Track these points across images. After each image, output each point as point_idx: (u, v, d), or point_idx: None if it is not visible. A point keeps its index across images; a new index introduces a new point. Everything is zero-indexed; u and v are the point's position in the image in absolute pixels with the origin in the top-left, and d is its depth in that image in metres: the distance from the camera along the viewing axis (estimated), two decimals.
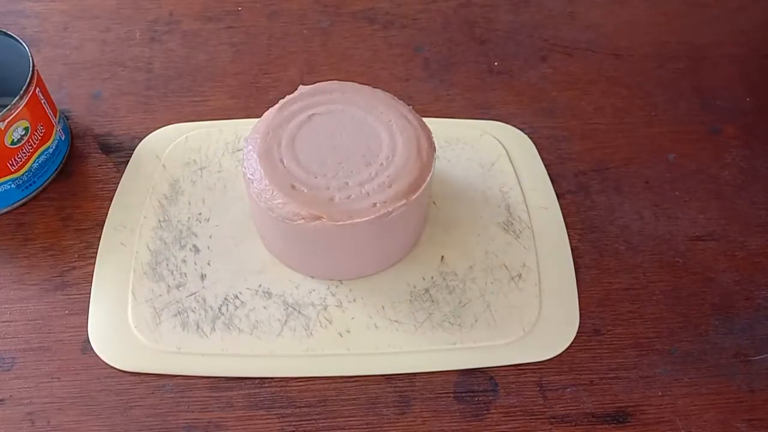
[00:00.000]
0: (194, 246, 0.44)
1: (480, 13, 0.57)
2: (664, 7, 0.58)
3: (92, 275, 0.43)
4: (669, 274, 0.44)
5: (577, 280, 0.44)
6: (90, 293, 0.43)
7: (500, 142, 0.50)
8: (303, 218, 0.38)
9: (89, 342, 0.41)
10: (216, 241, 0.45)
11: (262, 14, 0.57)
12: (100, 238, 0.45)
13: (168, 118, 0.50)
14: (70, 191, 0.47)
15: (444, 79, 0.53)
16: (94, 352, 0.41)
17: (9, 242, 0.45)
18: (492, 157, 0.49)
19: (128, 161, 0.48)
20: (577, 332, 0.42)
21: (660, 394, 0.40)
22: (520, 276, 0.44)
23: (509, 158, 0.49)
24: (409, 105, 0.44)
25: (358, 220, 0.38)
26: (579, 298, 0.43)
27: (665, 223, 0.47)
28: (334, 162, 0.40)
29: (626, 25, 0.57)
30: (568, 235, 0.46)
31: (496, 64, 0.54)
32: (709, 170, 0.49)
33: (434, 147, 0.42)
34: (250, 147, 0.41)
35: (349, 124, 0.42)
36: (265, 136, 0.41)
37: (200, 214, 0.46)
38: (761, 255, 0.45)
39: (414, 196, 0.40)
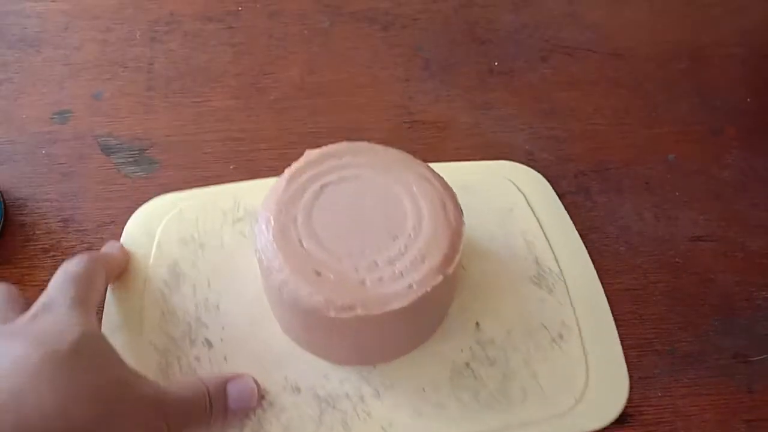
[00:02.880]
0: (206, 340, 0.40)
1: (480, 14, 0.57)
2: (664, 8, 0.58)
3: None
4: (669, 274, 0.45)
5: None
6: None
7: (514, 184, 0.47)
8: (334, 309, 0.34)
9: None
10: (230, 332, 0.40)
11: (262, 14, 0.57)
12: (101, 239, 0.45)
13: (169, 118, 0.50)
14: (70, 192, 0.47)
15: (444, 80, 0.53)
16: None
17: (9, 243, 0.45)
18: (508, 202, 0.46)
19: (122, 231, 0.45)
20: None
21: (660, 394, 0.40)
22: (561, 336, 0.41)
23: (527, 201, 0.46)
24: (426, 165, 0.40)
25: (397, 306, 0.34)
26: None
27: (665, 224, 0.47)
28: (358, 238, 0.36)
29: (627, 26, 0.57)
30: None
31: (496, 64, 0.54)
32: (709, 171, 0.49)
33: (461, 209, 0.38)
34: (264, 228, 0.37)
35: (366, 192, 0.38)
36: (279, 215, 0.37)
37: (207, 300, 0.41)
38: (761, 256, 0.45)
39: (451, 269, 0.36)
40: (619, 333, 0.42)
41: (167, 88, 0.52)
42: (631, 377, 0.41)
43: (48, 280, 0.38)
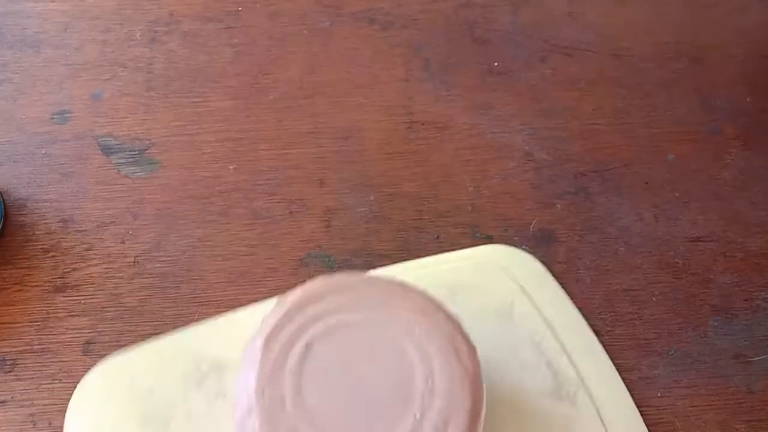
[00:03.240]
0: None
1: (480, 14, 0.57)
2: (664, 8, 0.58)
3: (93, 277, 0.43)
4: (668, 275, 0.45)
5: (576, 281, 0.44)
6: (91, 294, 0.43)
7: (507, 274, 0.41)
8: None
9: (90, 343, 0.41)
10: None
11: (262, 15, 0.57)
12: (101, 239, 0.45)
13: (168, 118, 0.50)
14: (70, 193, 0.47)
15: (444, 80, 0.53)
16: (96, 353, 0.41)
17: (9, 244, 0.45)
18: (506, 297, 0.40)
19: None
20: None
21: (659, 395, 0.40)
22: None
23: (526, 294, 0.41)
24: (421, 291, 0.33)
25: None
26: (580, 299, 0.44)
27: (665, 224, 0.47)
28: (363, 408, 0.30)
29: (626, 26, 0.57)
30: (567, 236, 0.46)
31: (496, 64, 0.54)
32: (708, 171, 0.49)
33: (473, 346, 0.32)
34: (249, 424, 0.30)
35: (360, 344, 0.31)
36: (262, 398, 0.30)
37: None
38: (761, 256, 0.45)
39: (479, 427, 0.30)
40: (618, 334, 0.42)
41: (167, 88, 0.52)
42: (630, 378, 0.41)
43: (48, 281, 0.38)
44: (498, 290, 0.41)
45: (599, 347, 0.40)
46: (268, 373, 0.30)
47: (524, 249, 0.44)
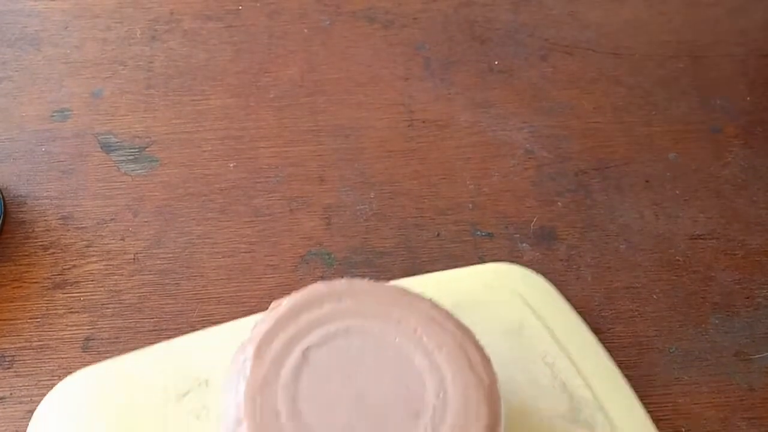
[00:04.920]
0: None
1: (480, 13, 0.57)
2: (664, 7, 0.58)
3: (92, 274, 0.43)
4: (669, 272, 0.45)
5: (577, 279, 0.44)
6: (91, 291, 0.43)
7: (516, 293, 0.39)
8: None
9: (90, 340, 0.41)
10: None
11: (262, 13, 0.57)
12: (100, 236, 0.45)
13: (169, 116, 0.50)
14: (70, 190, 0.47)
15: (444, 78, 0.53)
16: (95, 350, 0.41)
17: (9, 241, 0.45)
18: (514, 316, 0.37)
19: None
20: None
21: (660, 393, 0.40)
22: None
23: (534, 313, 0.38)
24: (428, 299, 0.31)
25: None
26: (580, 296, 0.43)
27: (665, 222, 0.47)
28: (367, 423, 0.27)
29: (626, 25, 0.57)
30: (568, 234, 0.46)
31: (496, 63, 0.54)
32: (709, 169, 0.49)
33: (487, 356, 0.30)
34: (231, 425, 0.27)
35: (363, 352, 0.29)
36: (253, 415, 0.27)
37: None
38: (761, 254, 0.45)
39: None
40: (619, 331, 0.42)
41: (167, 86, 0.52)
42: (631, 376, 0.40)
43: (48, 278, 0.38)
44: (506, 310, 0.38)
45: (615, 369, 0.37)
46: (259, 382, 0.27)
47: (533, 270, 0.42)
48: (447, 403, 0.27)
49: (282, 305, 0.29)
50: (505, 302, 0.38)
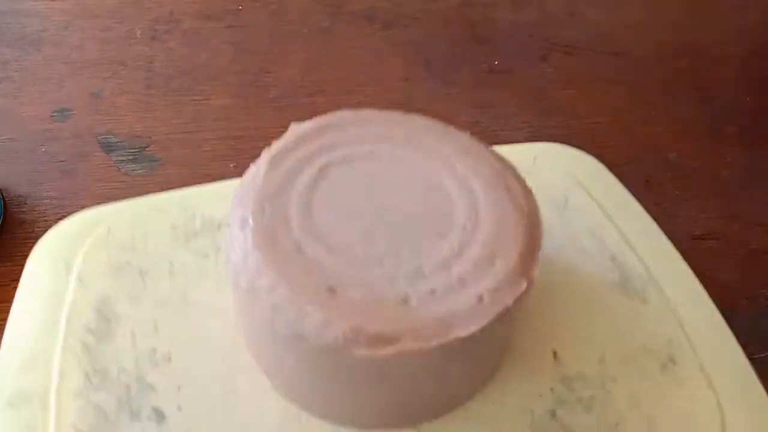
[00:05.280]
0: (155, 410, 0.26)
1: (480, 13, 0.57)
2: (664, 7, 0.58)
3: None
4: None
5: None
6: None
7: (562, 168, 0.37)
8: (364, 344, 0.22)
9: None
10: (190, 395, 0.27)
11: (262, 13, 0.57)
12: None
13: (169, 116, 0.50)
14: (70, 190, 0.47)
15: (444, 79, 0.53)
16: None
17: (9, 241, 0.44)
18: (562, 190, 0.35)
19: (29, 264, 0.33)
20: None
21: None
22: (673, 360, 0.29)
23: (583, 189, 0.36)
24: (466, 133, 0.29)
25: (465, 331, 0.22)
26: None
27: (666, 222, 0.46)
28: (388, 236, 0.24)
29: (626, 25, 0.57)
30: None
31: (496, 63, 0.54)
32: (709, 169, 0.49)
33: (529, 188, 0.27)
34: (239, 234, 0.25)
35: (387, 173, 0.26)
36: (260, 213, 0.25)
37: (155, 351, 0.28)
38: (762, 253, 0.45)
39: (535, 271, 0.24)
40: None
41: (167, 86, 0.52)
42: None
43: None
44: (552, 183, 0.35)
45: (672, 248, 0.35)
46: (271, 191, 0.25)
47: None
48: (479, 224, 0.25)
49: (302, 126, 0.28)
50: (550, 175, 0.36)
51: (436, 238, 0.24)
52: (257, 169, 0.26)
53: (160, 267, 0.31)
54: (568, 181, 0.36)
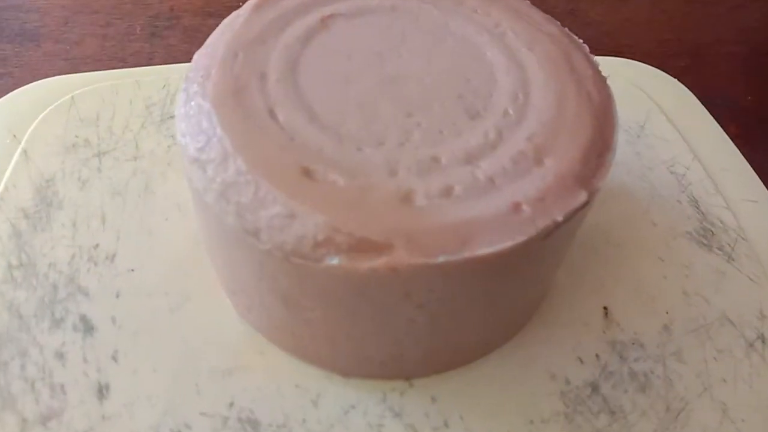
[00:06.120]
0: (83, 318, 0.21)
1: None
2: (664, 5, 0.58)
3: None
4: None
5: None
6: None
7: (642, 90, 0.32)
8: (343, 251, 0.15)
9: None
10: (128, 306, 0.22)
11: None
12: None
13: None
14: None
15: None
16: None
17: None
18: (638, 114, 0.30)
19: None
20: None
21: None
22: (762, 339, 0.22)
23: (664, 115, 0.30)
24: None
25: (486, 248, 0.15)
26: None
27: None
28: (397, 110, 0.18)
29: (627, 23, 0.57)
30: None
31: None
32: None
33: (603, 76, 0.21)
34: (195, 88, 0.19)
35: (412, 32, 0.20)
36: (228, 63, 0.19)
37: (97, 246, 0.23)
38: None
39: (600, 180, 0.18)
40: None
41: None
42: None
43: None
44: (626, 104, 0.30)
45: (765, 192, 0.29)
46: (249, 39, 0.19)
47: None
48: (526, 111, 0.18)
49: None
50: (625, 94, 0.30)
51: (465, 120, 0.18)
52: (238, 12, 0.21)
53: (124, 149, 0.26)
54: (647, 104, 0.30)
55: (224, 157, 0.16)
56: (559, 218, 0.16)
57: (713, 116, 0.52)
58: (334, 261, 0.15)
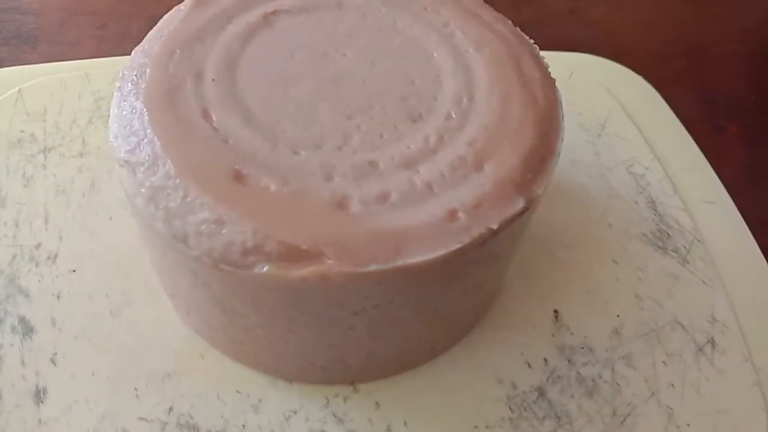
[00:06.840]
0: (22, 321, 0.21)
1: None
2: (666, 5, 0.58)
3: None
4: None
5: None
6: None
7: (606, 88, 0.32)
8: (273, 259, 0.15)
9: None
10: (70, 307, 0.21)
11: None
12: None
13: None
14: None
15: None
16: None
17: None
18: (600, 112, 0.30)
19: None
20: None
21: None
22: (712, 343, 0.22)
23: (626, 113, 0.30)
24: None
25: (420, 256, 0.15)
26: None
27: None
28: (335, 112, 0.18)
29: (628, 23, 0.56)
30: None
31: None
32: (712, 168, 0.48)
33: (552, 79, 0.20)
34: (129, 87, 0.19)
35: (357, 31, 0.19)
36: (166, 60, 0.19)
37: (39, 246, 0.23)
38: (764, 253, 0.44)
39: (540, 187, 0.17)
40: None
41: None
42: None
43: None
44: (588, 101, 0.30)
45: (728, 198, 0.29)
46: (190, 35, 0.19)
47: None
48: (470, 115, 0.18)
49: None
50: (587, 92, 0.30)
51: (407, 124, 0.18)
52: (178, 8, 0.20)
53: (70, 145, 0.26)
54: (609, 102, 0.30)
55: (154, 160, 0.16)
56: (495, 226, 0.16)
57: (714, 116, 0.51)
58: (264, 269, 0.15)
